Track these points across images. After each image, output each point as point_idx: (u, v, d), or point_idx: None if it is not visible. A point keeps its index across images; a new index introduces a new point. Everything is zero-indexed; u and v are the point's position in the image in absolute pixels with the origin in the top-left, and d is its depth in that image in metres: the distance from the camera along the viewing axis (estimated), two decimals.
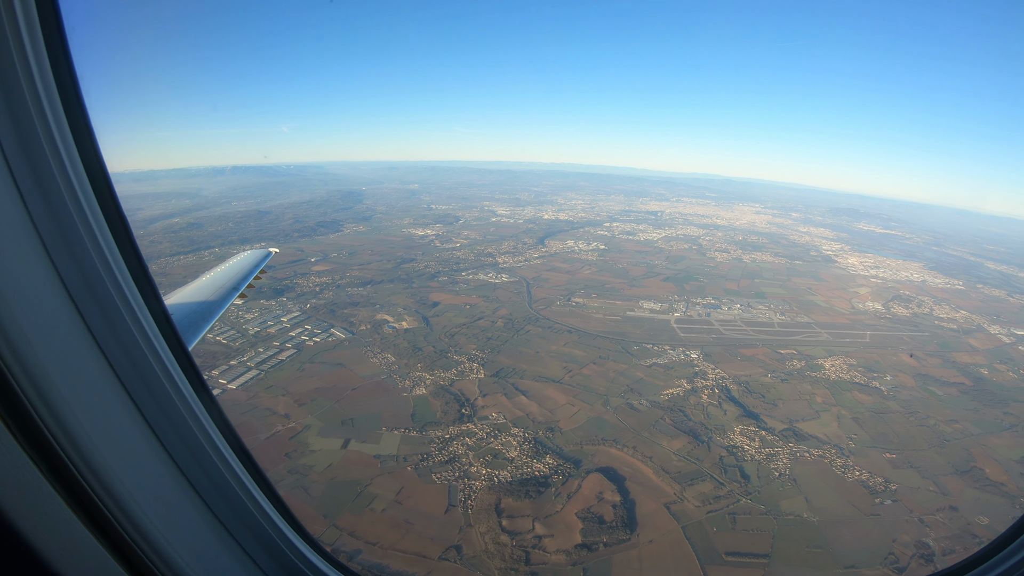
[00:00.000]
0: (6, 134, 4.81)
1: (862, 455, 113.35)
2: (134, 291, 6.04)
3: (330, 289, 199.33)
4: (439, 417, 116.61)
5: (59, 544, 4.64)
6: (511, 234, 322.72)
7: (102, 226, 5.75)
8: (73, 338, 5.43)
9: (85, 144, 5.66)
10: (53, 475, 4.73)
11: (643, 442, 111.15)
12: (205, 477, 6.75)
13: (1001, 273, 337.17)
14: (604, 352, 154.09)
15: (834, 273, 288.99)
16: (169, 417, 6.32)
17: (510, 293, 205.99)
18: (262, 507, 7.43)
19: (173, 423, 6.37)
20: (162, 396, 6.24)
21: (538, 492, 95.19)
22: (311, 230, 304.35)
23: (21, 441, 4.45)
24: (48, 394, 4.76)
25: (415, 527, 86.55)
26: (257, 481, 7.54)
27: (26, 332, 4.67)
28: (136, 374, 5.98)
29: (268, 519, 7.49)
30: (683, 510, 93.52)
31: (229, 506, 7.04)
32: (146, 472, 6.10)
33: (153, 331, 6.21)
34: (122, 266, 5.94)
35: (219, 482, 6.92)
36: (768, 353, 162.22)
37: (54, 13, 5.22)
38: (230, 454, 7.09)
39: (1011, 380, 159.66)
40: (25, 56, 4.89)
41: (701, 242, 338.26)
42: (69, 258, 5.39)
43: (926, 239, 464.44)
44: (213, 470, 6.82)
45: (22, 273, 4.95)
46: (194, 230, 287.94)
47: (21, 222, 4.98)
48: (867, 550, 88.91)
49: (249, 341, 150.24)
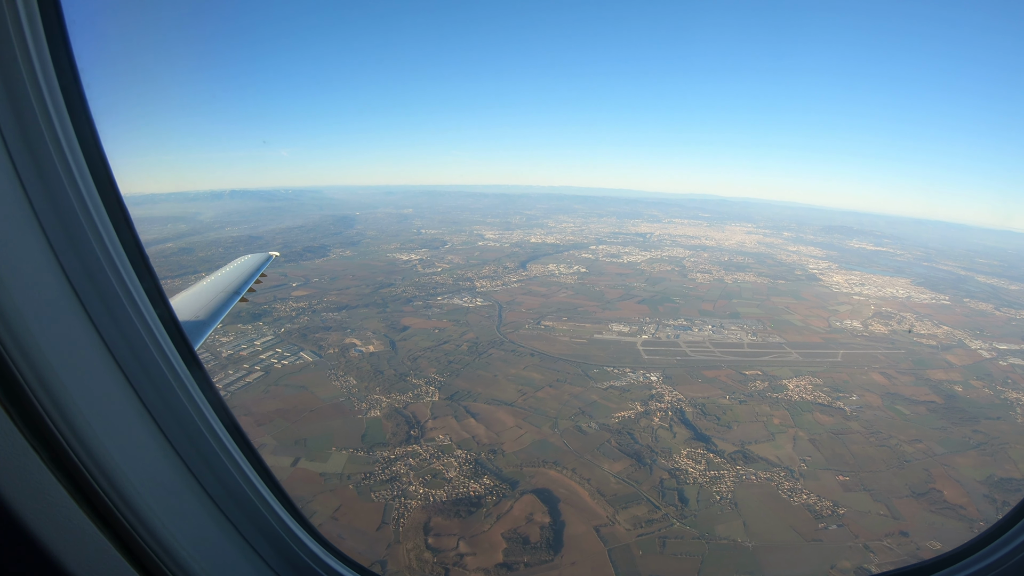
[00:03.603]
0: (8, 126, 4.77)
1: (813, 478, 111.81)
2: (135, 281, 5.95)
3: (306, 314, 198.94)
4: (388, 438, 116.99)
5: (60, 533, 4.60)
6: (494, 258, 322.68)
7: (103, 217, 5.68)
8: (74, 327, 5.39)
9: (86, 136, 5.59)
10: (55, 463, 4.71)
11: (584, 464, 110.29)
12: (208, 470, 6.65)
13: (991, 286, 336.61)
14: (563, 375, 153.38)
15: (816, 292, 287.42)
16: (171, 407, 6.20)
17: (481, 317, 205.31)
18: (267, 501, 7.35)
19: (175, 413, 6.25)
20: (163, 386, 6.11)
21: (469, 512, 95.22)
22: (298, 255, 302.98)
23: (23, 428, 4.44)
24: (49, 383, 4.74)
25: (346, 542, 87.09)
26: (262, 476, 7.51)
27: (27, 320, 4.66)
28: (137, 363, 5.87)
29: (274, 513, 7.41)
30: (613, 533, 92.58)
31: (234, 500, 6.96)
32: (148, 462, 6.03)
33: (155, 322, 6.11)
34: (123, 256, 5.86)
35: (223, 475, 6.81)
36: (731, 374, 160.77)
37: (57, 16, 5.26)
38: (234, 447, 6.98)
39: (985, 397, 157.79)
40: (27, 48, 4.86)
41: (685, 263, 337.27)
42: (70, 248, 5.33)
43: (917, 255, 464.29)
44: (217, 463, 6.70)
45: (23, 262, 4.92)
46: (184, 255, 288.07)
47: (22, 211, 4.95)
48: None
49: (220, 363, 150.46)
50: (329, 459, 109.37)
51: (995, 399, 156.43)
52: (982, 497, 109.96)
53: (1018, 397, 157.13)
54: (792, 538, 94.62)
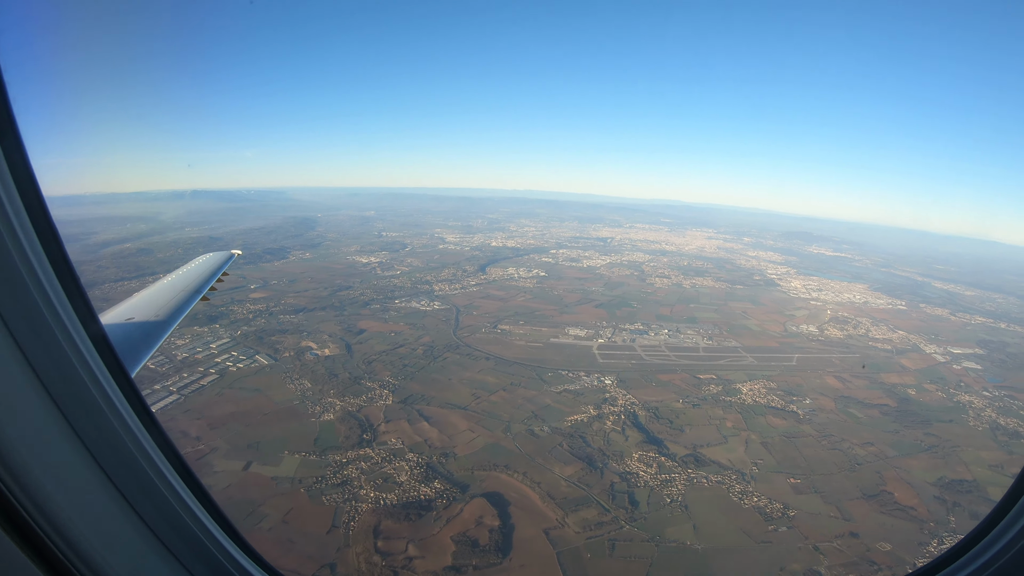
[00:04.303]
0: None
1: (764, 480, 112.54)
2: (55, 285, 5.58)
3: (263, 316, 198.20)
4: (341, 442, 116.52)
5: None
6: (454, 261, 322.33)
7: (24, 222, 5.25)
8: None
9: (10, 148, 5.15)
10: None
11: (535, 468, 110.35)
12: (124, 469, 6.16)
13: (947, 292, 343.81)
14: (517, 379, 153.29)
15: (774, 297, 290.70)
16: (77, 396, 5.70)
17: (438, 321, 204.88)
18: (185, 501, 6.91)
19: (81, 401, 5.75)
20: (68, 372, 5.65)
21: (419, 515, 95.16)
22: (257, 257, 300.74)
23: None
24: None
25: (296, 546, 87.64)
26: (189, 485, 7.09)
27: None
28: (52, 365, 5.42)
29: (191, 513, 6.98)
30: (562, 536, 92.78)
31: (149, 498, 6.46)
32: (57, 461, 5.51)
33: (75, 325, 5.77)
34: (44, 262, 5.48)
35: (139, 474, 6.36)
36: (686, 378, 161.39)
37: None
38: (151, 446, 6.58)
39: (938, 400, 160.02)
40: None
41: (644, 268, 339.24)
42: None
43: (876, 260, 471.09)
44: (132, 462, 6.28)
45: None
46: (143, 256, 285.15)
47: None
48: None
49: (175, 367, 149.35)
50: (281, 463, 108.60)
51: (948, 402, 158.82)
52: (933, 499, 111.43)
53: (971, 400, 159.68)
54: (742, 540, 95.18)
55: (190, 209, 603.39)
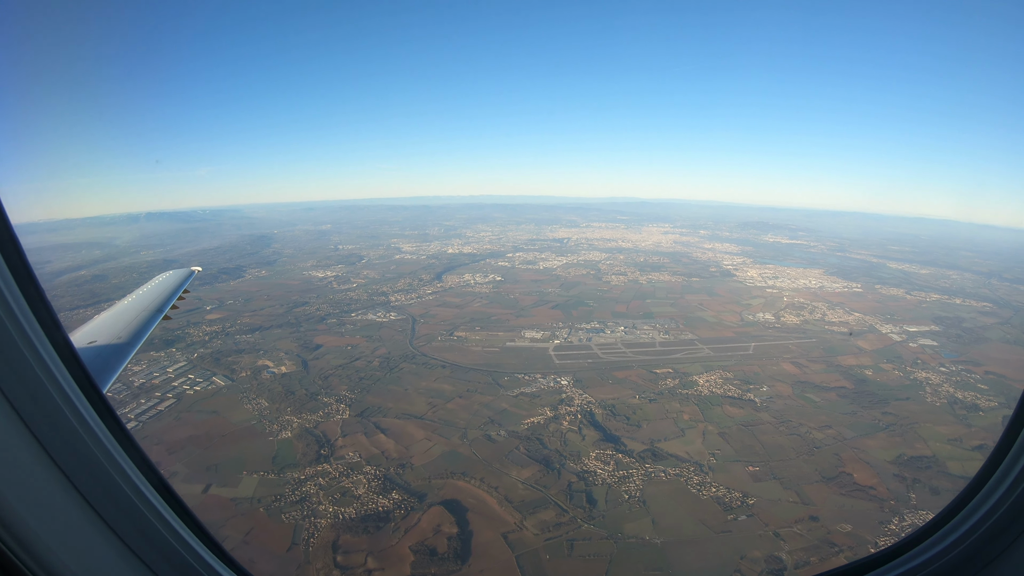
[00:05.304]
0: None
1: (722, 471, 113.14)
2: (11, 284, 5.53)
3: (219, 337, 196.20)
4: (298, 459, 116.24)
5: None
6: (410, 271, 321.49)
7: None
8: None
9: None
10: None
11: (493, 473, 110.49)
12: (83, 468, 5.98)
13: (902, 272, 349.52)
14: (473, 385, 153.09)
15: (730, 287, 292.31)
16: (39, 403, 5.62)
17: (394, 331, 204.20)
18: (150, 502, 6.75)
19: (42, 407, 5.65)
20: (31, 381, 5.57)
21: (377, 527, 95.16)
22: (213, 277, 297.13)
23: None
24: None
25: (257, 566, 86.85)
26: (164, 496, 7.02)
27: None
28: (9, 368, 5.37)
29: (157, 514, 6.81)
30: (520, 539, 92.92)
31: (112, 500, 6.28)
32: (20, 467, 5.45)
33: (33, 326, 5.69)
34: (12, 285, 5.51)
35: (102, 477, 6.20)
36: (642, 374, 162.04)
37: None
38: (118, 451, 6.46)
39: (895, 379, 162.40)
40: None
41: (600, 267, 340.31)
42: None
43: (831, 245, 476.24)
44: (96, 465, 6.14)
45: None
46: (98, 283, 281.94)
47: None
48: (711, 570, 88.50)
49: (132, 393, 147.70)
50: (240, 483, 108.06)
51: (904, 380, 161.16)
52: (892, 476, 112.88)
53: (927, 376, 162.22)
54: (701, 532, 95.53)
55: (145, 232, 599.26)
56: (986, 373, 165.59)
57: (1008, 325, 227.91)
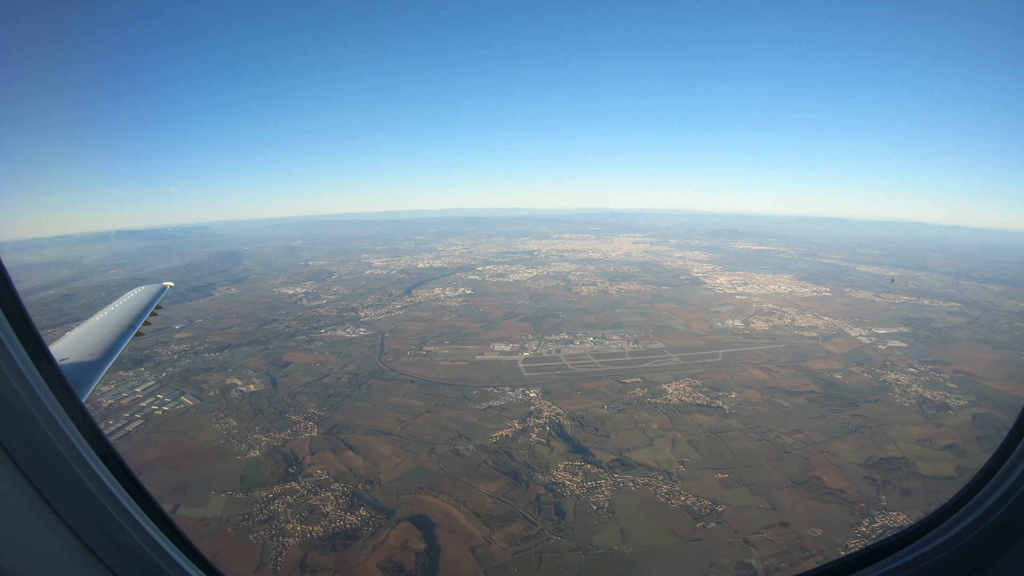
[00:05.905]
0: None
1: (692, 479, 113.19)
2: None
3: (188, 356, 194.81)
4: (266, 478, 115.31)
5: None
6: (380, 286, 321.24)
7: None
8: None
9: None
10: None
11: (461, 487, 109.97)
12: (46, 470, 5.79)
13: (871, 275, 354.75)
14: (442, 400, 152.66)
15: (700, 295, 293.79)
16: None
17: (364, 347, 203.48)
18: (119, 502, 6.58)
19: None
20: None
21: (345, 545, 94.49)
22: (183, 296, 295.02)
23: None
24: None
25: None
26: (142, 505, 6.97)
27: None
28: None
29: (125, 514, 6.66)
30: (489, 553, 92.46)
31: (76, 501, 6.08)
32: None
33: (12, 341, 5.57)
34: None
35: (68, 477, 6.02)
36: (611, 384, 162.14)
37: None
38: (99, 466, 6.42)
39: (864, 381, 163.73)
40: None
41: (571, 278, 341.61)
42: None
43: (800, 251, 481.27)
44: (64, 467, 5.97)
45: None
46: (66, 302, 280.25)
47: None
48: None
49: (101, 414, 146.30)
50: (208, 503, 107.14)
51: (874, 382, 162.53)
52: (862, 479, 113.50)
53: (897, 378, 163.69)
54: (671, 541, 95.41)
55: (115, 250, 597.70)
56: (955, 372, 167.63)
57: (976, 324, 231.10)
